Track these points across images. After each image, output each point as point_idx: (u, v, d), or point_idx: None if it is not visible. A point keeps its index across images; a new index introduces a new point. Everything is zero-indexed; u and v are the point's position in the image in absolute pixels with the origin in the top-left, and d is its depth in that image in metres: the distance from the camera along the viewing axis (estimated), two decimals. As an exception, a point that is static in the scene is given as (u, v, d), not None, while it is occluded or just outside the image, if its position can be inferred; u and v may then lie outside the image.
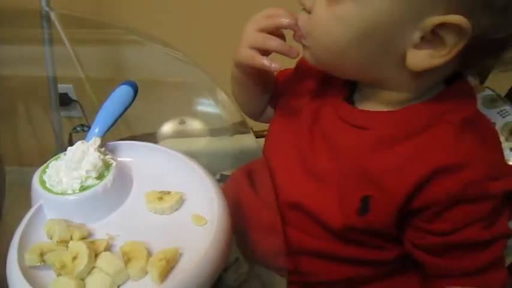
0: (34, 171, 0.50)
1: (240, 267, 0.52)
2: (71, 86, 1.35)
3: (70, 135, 1.25)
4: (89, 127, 0.54)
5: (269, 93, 0.65)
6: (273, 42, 0.51)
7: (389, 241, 0.49)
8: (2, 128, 0.90)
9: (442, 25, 0.40)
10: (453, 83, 0.48)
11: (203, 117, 0.76)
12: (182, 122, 0.75)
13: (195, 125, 0.75)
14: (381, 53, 0.44)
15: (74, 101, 1.39)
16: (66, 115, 1.43)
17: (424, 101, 0.47)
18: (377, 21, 0.42)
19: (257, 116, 0.68)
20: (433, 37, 0.41)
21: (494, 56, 0.44)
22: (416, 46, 0.42)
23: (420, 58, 0.42)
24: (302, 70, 0.60)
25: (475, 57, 0.44)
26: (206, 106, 0.76)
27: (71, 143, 0.50)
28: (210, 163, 0.61)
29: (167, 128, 0.76)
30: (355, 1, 0.42)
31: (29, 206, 0.48)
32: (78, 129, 1.24)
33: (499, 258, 0.45)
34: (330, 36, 0.45)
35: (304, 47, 0.50)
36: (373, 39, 0.43)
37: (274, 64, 0.51)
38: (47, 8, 1.06)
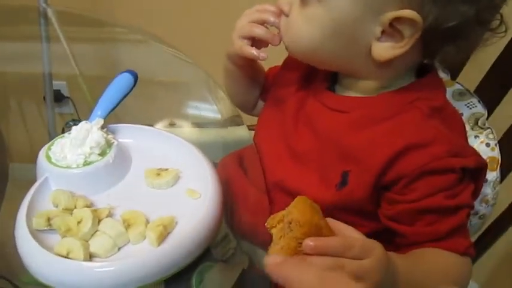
0: (24, 168, 0.53)
1: (228, 243, 0.55)
2: (64, 82, 1.36)
3: (63, 129, 1.27)
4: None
5: (259, 86, 0.70)
6: (258, 30, 0.56)
7: (363, 218, 0.54)
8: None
9: (398, 19, 0.45)
10: (424, 75, 0.53)
11: (201, 111, 0.79)
12: (172, 124, 0.77)
13: (185, 125, 0.78)
14: (349, 47, 0.50)
15: (66, 97, 1.41)
16: (58, 112, 1.44)
17: (396, 89, 0.52)
18: (342, 20, 0.48)
19: (249, 109, 0.73)
20: (392, 30, 0.47)
21: (454, 44, 0.49)
22: (378, 39, 0.48)
23: (383, 49, 0.47)
24: (289, 64, 0.65)
25: (435, 45, 0.49)
26: (203, 102, 0.79)
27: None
28: (204, 152, 0.64)
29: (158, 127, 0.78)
30: (321, 4, 0.48)
31: (19, 201, 0.49)
32: (71, 123, 1.26)
33: (464, 226, 0.50)
34: (302, 35, 0.51)
35: (285, 45, 0.55)
36: (340, 36, 0.49)
37: (262, 53, 0.56)
38: (44, 5, 1.08)
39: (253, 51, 0.56)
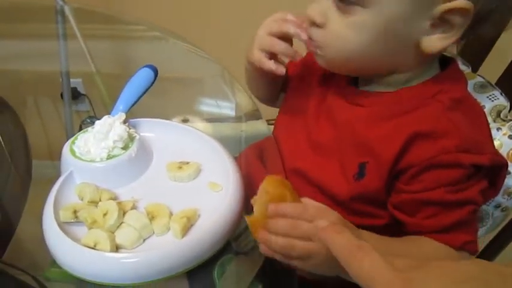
0: (42, 165, 0.54)
1: (249, 235, 0.56)
2: (80, 80, 1.37)
3: (80, 127, 1.28)
4: (99, 119, 0.57)
5: (280, 81, 0.70)
6: (279, 46, 0.56)
7: (381, 208, 0.54)
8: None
9: (449, 11, 0.45)
10: (446, 68, 0.53)
11: (221, 108, 0.79)
12: (185, 120, 0.78)
13: (201, 121, 0.78)
14: (395, 46, 0.49)
15: (83, 95, 1.42)
16: (74, 109, 1.44)
17: (418, 83, 0.52)
18: (389, 22, 0.46)
19: (271, 102, 0.73)
20: (440, 22, 0.46)
21: (474, 32, 0.49)
22: (427, 33, 0.47)
23: (433, 42, 0.47)
24: (311, 57, 0.64)
25: (472, 28, 0.48)
26: (221, 97, 0.80)
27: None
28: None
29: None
30: (367, 10, 0.46)
31: (39, 198, 0.51)
32: (88, 121, 1.27)
33: (467, 222, 0.50)
34: (349, 43, 0.49)
35: (318, 55, 0.54)
36: (387, 38, 0.48)
37: (280, 68, 0.57)
38: (61, 3, 1.09)
39: (272, 66, 0.57)
